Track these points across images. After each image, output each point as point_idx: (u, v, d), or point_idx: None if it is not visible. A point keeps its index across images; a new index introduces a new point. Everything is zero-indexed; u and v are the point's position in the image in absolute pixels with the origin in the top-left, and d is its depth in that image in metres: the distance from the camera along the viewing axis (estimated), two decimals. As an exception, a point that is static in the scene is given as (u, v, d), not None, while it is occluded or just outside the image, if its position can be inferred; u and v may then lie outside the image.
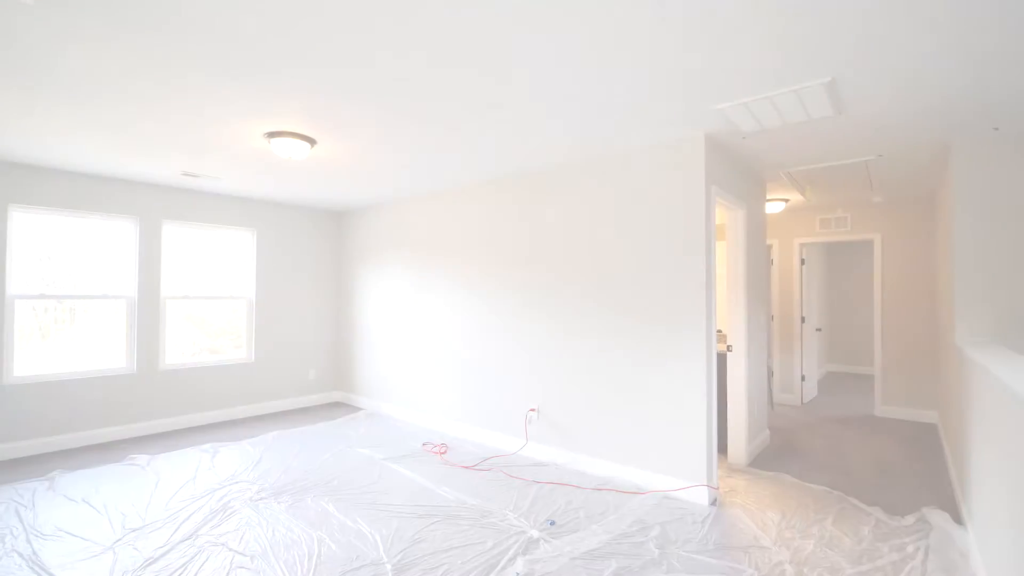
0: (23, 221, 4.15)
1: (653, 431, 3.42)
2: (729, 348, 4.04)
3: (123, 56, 2.24)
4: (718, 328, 5.51)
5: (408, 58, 2.24)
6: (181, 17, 1.93)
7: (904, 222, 5.51)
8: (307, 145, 3.37)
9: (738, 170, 3.91)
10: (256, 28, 2.00)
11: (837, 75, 2.38)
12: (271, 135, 3.26)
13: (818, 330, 6.69)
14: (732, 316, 4.04)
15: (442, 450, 4.24)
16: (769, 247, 6.32)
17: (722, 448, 4.17)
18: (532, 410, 4.11)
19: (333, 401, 6.25)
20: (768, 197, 5.21)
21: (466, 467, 3.83)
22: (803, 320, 6.15)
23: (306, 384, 6.02)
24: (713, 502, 3.18)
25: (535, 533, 2.75)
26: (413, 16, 1.91)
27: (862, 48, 2.12)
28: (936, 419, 5.24)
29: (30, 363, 4.16)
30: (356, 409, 5.83)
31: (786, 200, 5.33)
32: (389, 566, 2.42)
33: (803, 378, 6.10)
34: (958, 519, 2.95)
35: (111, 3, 1.84)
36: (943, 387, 4.43)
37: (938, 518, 2.89)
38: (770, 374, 6.11)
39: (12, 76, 2.45)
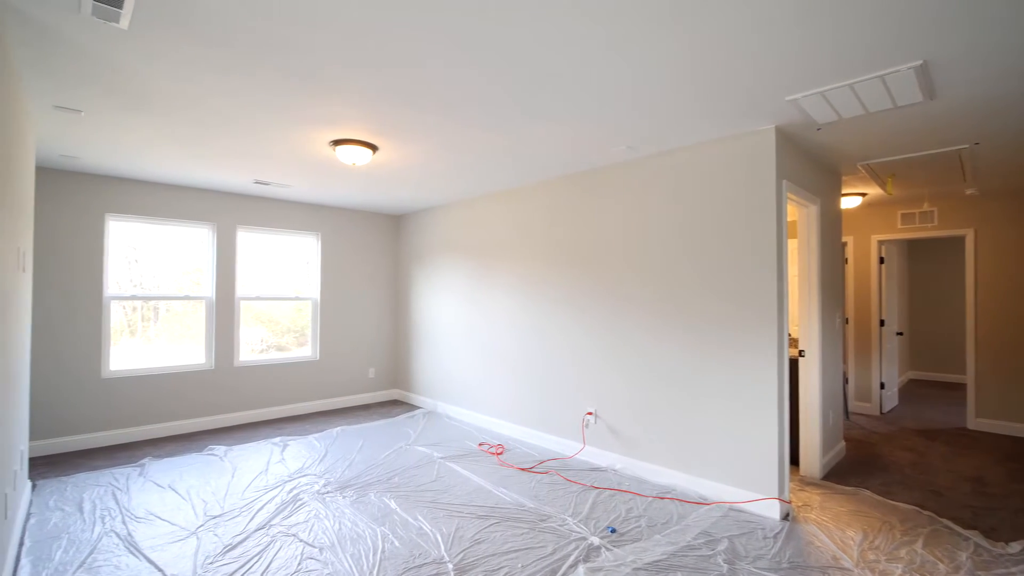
0: (115, 228, 4.55)
1: (719, 439, 3.26)
2: (801, 353, 3.80)
3: (202, 75, 2.39)
4: (789, 332, 5.20)
5: (468, 67, 2.25)
6: (254, 36, 2.03)
7: (1002, 215, 4.98)
8: (369, 152, 3.48)
9: (811, 163, 3.67)
10: (322, 43, 2.07)
11: (930, 57, 2.17)
12: (336, 143, 3.38)
13: (899, 334, 6.17)
14: (804, 319, 3.80)
15: (499, 451, 4.26)
16: (844, 245, 5.89)
17: (793, 459, 3.93)
18: (589, 413, 4.04)
19: (391, 399, 6.43)
20: (844, 191, 4.87)
21: (523, 469, 3.82)
22: (882, 323, 5.70)
23: (366, 382, 6.23)
24: (785, 516, 3.00)
25: (596, 540, 2.69)
26: (475, 29, 1.92)
27: (961, 24, 1.92)
28: (1043, 435, 4.70)
29: (121, 358, 4.55)
30: (413, 407, 5.96)
31: (863, 194, 4.96)
32: (451, 565, 2.44)
33: (882, 386, 5.66)
34: (1076, 549, 2.62)
35: (194, 28, 1.97)
36: (1053, 399, 3.96)
37: (1052, 547, 2.58)
38: (845, 381, 5.70)
39: (110, 98, 2.68)
